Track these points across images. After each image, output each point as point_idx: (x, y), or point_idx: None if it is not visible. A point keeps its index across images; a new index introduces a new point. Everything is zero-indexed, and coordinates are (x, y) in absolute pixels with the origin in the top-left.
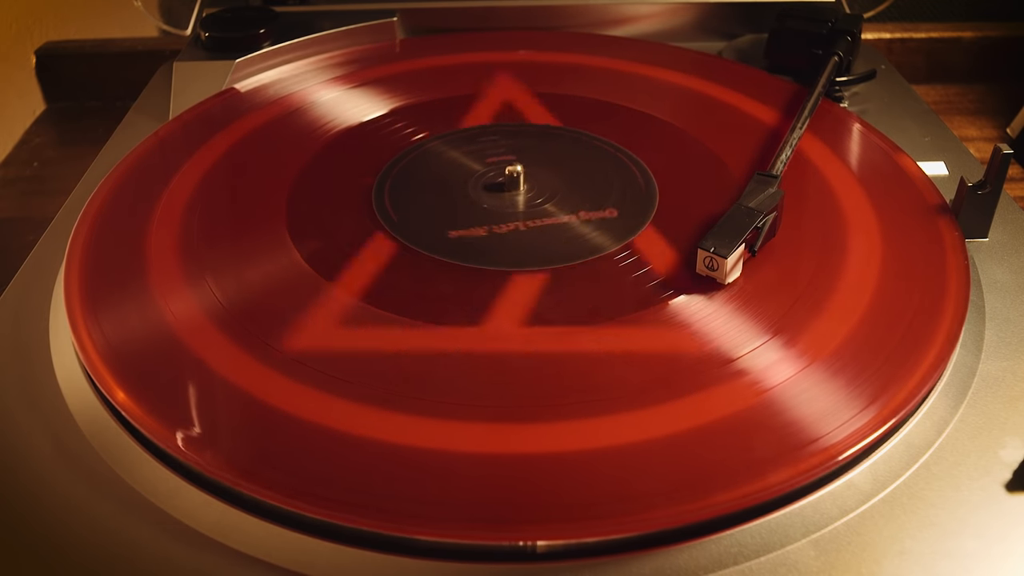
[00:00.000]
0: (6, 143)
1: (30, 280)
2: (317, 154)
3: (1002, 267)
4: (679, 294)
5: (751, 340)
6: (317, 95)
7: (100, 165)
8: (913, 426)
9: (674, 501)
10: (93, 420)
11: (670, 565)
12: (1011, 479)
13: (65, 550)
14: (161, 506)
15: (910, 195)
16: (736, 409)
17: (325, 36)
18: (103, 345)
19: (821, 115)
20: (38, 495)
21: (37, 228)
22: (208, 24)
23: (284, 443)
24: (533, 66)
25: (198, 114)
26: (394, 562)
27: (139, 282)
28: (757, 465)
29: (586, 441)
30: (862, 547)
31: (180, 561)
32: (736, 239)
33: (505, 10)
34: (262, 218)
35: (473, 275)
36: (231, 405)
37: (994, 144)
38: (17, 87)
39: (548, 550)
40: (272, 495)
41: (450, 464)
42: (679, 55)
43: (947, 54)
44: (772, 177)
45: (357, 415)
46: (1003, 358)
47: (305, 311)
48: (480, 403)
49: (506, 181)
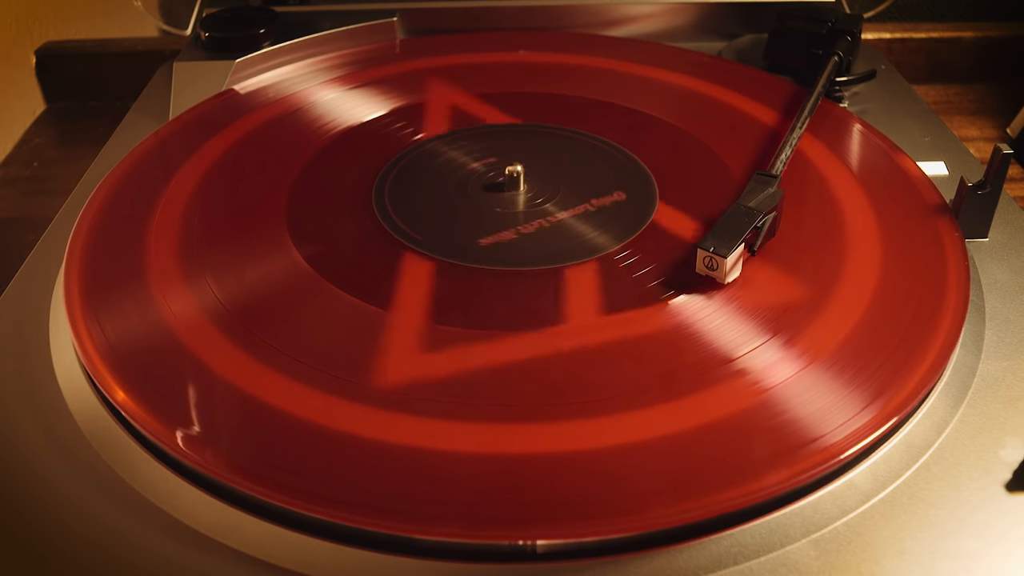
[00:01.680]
0: (6, 143)
1: (30, 280)
2: (317, 154)
3: (1002, 267)
4: (679, 294)
5: (751, 340)
6: (317, 95)
7: (100, 165)
8: (913, 426)
9: (674, 501)
10: (93, 420)
11: (670, 565)
12: (1011, 479)
13: (65, 550)
14: (161, 506)
15: (910, 195)
16: (736, 409)
17: (325, 36)
18: (103, 345)
19: (821, 115)
20: (38, 495)
21: (37, 228)
22: (208, 24)
23: (284, 443)
24: (533, 66)
25: (198, 114)
26: (394, 562)
27: (139, 282)
28: (757, 465)
29: (586, 441)
30: (862, 547)
31: (180, 561)
32: (736, 239)
33: (505, 10)
34: (262, 218)
35: (467, 274)
36: (231, 405)
37: (994, 144)
38: (17, 87)
39: (548, 550)
40: (272, 495)
41: (450, 464)
42: (679, 55)
43: (947, 54)
44: (772, 177)
45: (357, 415)
46: (1003, 358)
47: (382, 343)
48: (480, 403)
49: (506, 181)
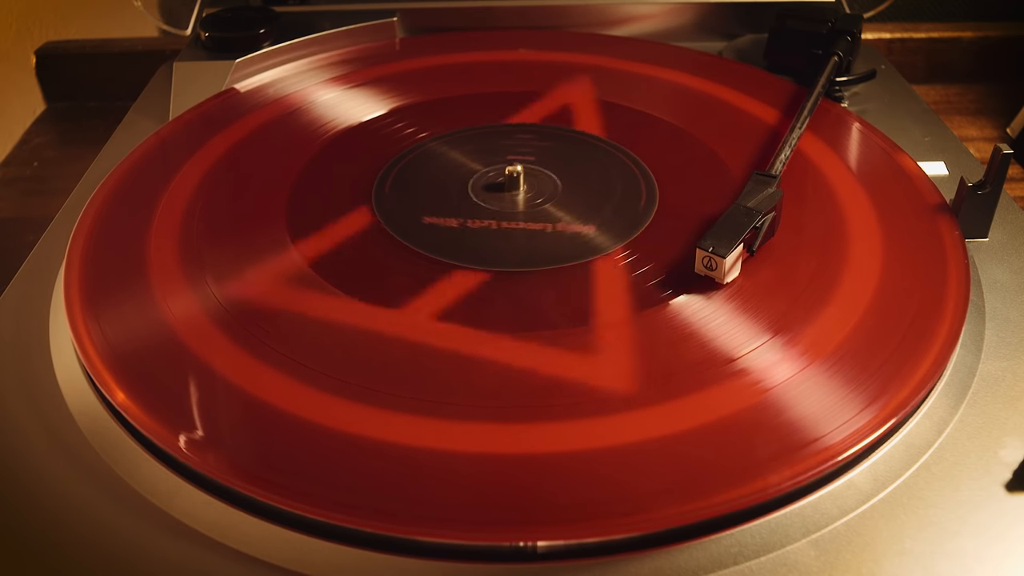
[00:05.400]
0: (6, 143)
1: (30, 280)
2: (317, 154)
3: (1002, 267)
4: (679, 294)
5: (751, 340)
6: (317, 95)
7: (100, 165)
8: (913, 426)
9: (674, 501)
10: (93, 420)
11: (670, 565)
12: (1011, 479)
13: (65, 550)
14: (161, 506)
15: (910, 195)
16: (736, 409)
17: (325, 36)
18: (103, 345)
19: (821, 115)
20: (38, 495)
21: (37, 228)
22: (208, 24)
23: (284, 443)
24: (533, 66)
25: (198, 114)
26: (394, 562)
27: (139, 282)
28: (757, 465)
29: (586, 441)
30: (862, 547)
31: (180, 561)
32: (735, 239)
33: (505, 10)
34: (262, 218)
35: (467, 274)
36: (231, 405)
37: (994, 144)
38: (17, 87)
39: (548, 550)
40: (272, 495)
41: (450, 464)
42: (679, 55)
43: (947, 54)
44: (771, 177)
45: (357, 415)
46: (1003, 358)
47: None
48: (480, 403)
49: (506, 181)
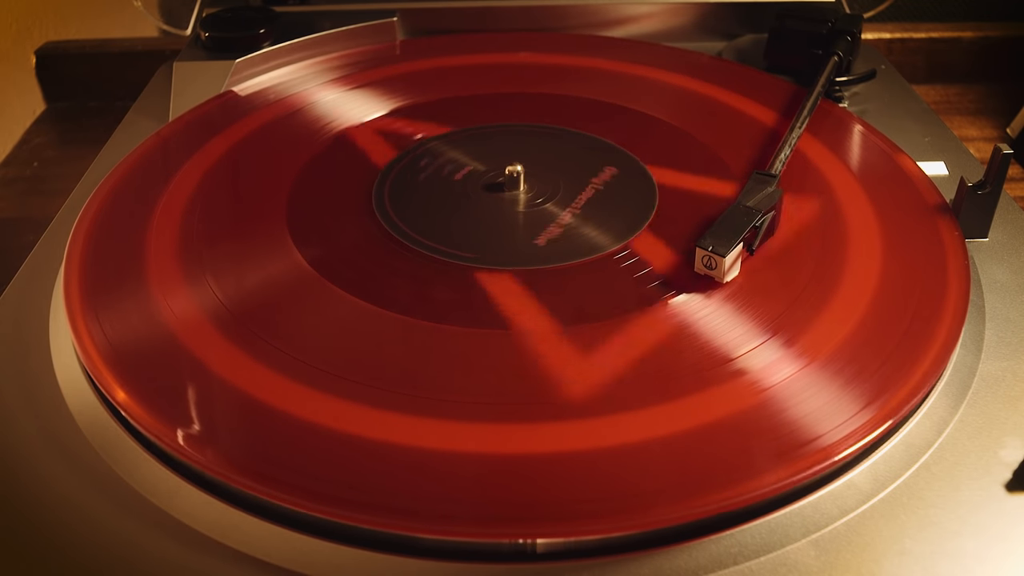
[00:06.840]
0: (6, 143)
1: (30, 280)
2: (317, 155)
3: (1002, 267)
4: (678, 293)
5: (750, 340)
6: (317, 96)
7: (100, 165)
8: (913, 426)
9: (674, 501)
10: (93, 420)
11: (670, 565)
12: (1011, 479)
13: (65, 550)
14: (161, 506)
15: (910, 195)
16: (736, 409)
17: (325, 36)
18: (103, 345)
19: (821, 115)
20: (38, 495)
21: (37, 228)
22: (208, 24)
23: (284, 443)
24: (533, 67)
25: (199, 114)
26: (394, 562)
27: (139, 282)
28: (757, 465)
29: (586, 441)
30: (862, 547)
31: (180, 561)
32: (734, 238)
33: (505, 10)
34: (262, 218)
35: (468, 273)
36: (231, 405)
37: (994, 144)
38: (17, 87)
39: (548, 550)
40: (272, 495)
41: (450, 464)
42: (679, 55)
43: (947, 54)
44: (771, 176)
45: (357, 415)
46: (1003, 358)
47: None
48: (480, 403)
49: (506, 181)
